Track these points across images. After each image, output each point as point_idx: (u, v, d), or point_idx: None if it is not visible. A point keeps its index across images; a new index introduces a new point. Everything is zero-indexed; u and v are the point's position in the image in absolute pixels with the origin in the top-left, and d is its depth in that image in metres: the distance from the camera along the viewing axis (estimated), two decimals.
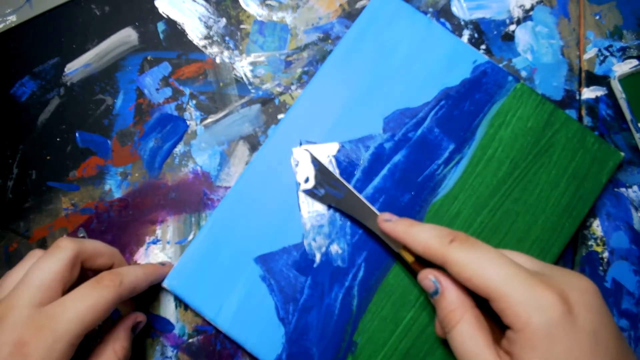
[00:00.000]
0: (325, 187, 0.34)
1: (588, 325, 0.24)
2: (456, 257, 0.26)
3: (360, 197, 0.33)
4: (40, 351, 0.25)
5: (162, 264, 0.35)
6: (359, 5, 0.39)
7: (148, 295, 0.36)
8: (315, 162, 0.34)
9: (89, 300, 0.27)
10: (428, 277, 0.29)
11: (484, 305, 0.27)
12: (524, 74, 0.38)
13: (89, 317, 0.27)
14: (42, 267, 0.28)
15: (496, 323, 0.28)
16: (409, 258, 0.31)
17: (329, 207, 0.34)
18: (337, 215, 0.35)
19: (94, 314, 0.27)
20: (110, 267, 0.32)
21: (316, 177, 0.34)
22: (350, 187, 0.34)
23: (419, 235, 0.29)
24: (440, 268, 0.28)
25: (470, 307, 0.27)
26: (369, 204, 0.33)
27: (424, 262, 0.30)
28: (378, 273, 0.34)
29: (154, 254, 0.37)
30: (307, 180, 0.34)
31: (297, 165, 0.35)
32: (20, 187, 0.38)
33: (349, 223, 0.35)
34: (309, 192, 0.34)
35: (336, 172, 0.35)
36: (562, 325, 0.24)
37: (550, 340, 0.23)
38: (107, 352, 0.30)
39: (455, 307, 0.27)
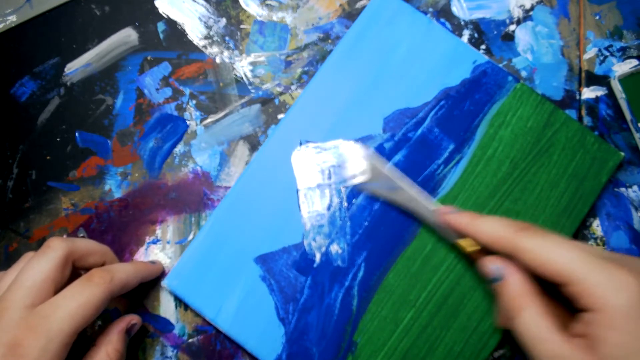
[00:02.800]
0: (378, 181, 0.34)
1: None
2: (528, 244, 0.27)
3: (418, 188, 0.33)
4: (34, 352, 0.25)
5: (153, 262, 0.36)
6: (359, 5, 0.39)
7: (148, 295, 0.36)
8: (371, 156, 0.34)
9: (80, 299, 0.27)
10: (491, 263, 0.29)
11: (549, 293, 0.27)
12: (524, 74, 0.38)
13: (80, 315, 0.27)
14: (33, 267, 0.28)
15: (561, 310, 0.28)
16: (469, 248, 0.31)
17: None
18: (337, 215, 0.35)
19: (85, 311, 0.27)
20: (102, 265, 0.32)
21: (370, 171, 0.34)
22: (407, 179, 0.34)
23: (486, 226, 0.29)
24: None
25: (536, 293, 0.27)
26: (427, 195, 0.33)
27: (483, 253, 0.31)
28: (378, 273, 0.34)
29: (154, 254, 0.37)
30: (355, 175, 0.34)
31: (345, 160, 0.35)
32: (20, 187, 0.38)
33: (349, 223, 0.35)
34: (361, 186, 0.34)
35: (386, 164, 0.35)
36: None
37: (630, 319, 0.24)
38: (100, 355, 0.30)
39: (521, 293, 0.27)
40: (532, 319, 0.26)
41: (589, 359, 0.24)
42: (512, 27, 0.38)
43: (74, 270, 0.30)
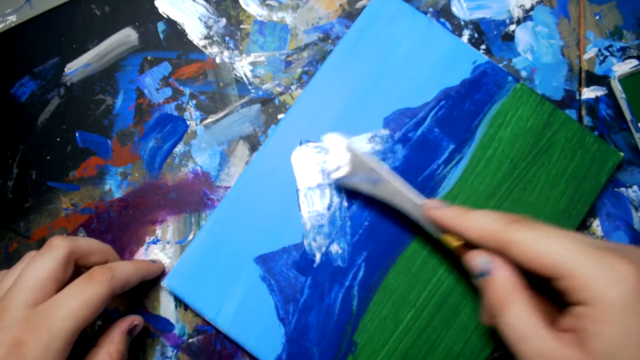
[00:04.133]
0: (360, 174, 0.32)
1: None
2: (518, 237, 0.25)
3: (402, 182, 0.32)
4: (37, 350, 0.25)
5: (153, 261, 0.36)
6: (359, 5, 0.39)
7: (148, 295, 0.36)
8: (351, 148, 0.32)
9: (82, 297, 0.27)
10: (478, 257, 0.28)
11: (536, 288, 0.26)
12: (524, 74, 0.38)
13: (82, 314, 0.27)
14: (36, 266, 0.28)
15: (548, 306, 0.27)
16: (455, 243, 0.30)
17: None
18: (337, 215, 0.35)
19: (87, 309, 0.27)
20: (104, 264, 0.32)
21: (351, 163, 0.32)
22: (390, 172, 0.32)
23: (474, 220, 0.28)
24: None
25: (523, 288, 0.26)
26: (412, 189, 0.32)
27: (468, 248, 0.30)
28: (378, 273, 0.34)
29: (154, 254, 0.37)
30: (338, 168, 0.32)
31: (326, 152, 0.33)
32: (20, 187, 0.38)
33: (349, 223, 0.35)
34: (341, 181, 0.33)
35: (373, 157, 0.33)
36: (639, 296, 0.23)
37: (627, 312, 0.22)
38: (102, 355, 0.30)
39: (507, 288, 0.26)
40: (519, 315, 0.25)
41: (578, 355, 0.23)
42: (512, 27, 0.38)
43: (76, 269, 0.30)
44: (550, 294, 0.27)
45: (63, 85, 0.39)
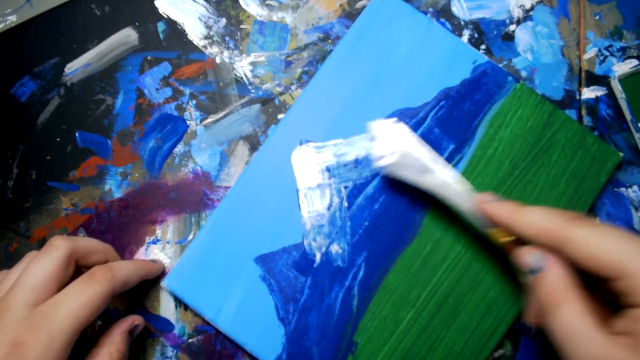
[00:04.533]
0: (408, 163, 0.31)
1: None
2: (579, 234, 0.25)
3: (454, 173, 0.31)
4: (37, 351, 0.25)
5: (153, 261, 0.36)
6: (359, 5, 0.39)
7: (148, 295, 0.36)
8: (402, 135, 0.31)
9: (82, 297, 0.27)
10: (531, 253, 0.27)
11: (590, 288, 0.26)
12: (524, 74, 0.38)
13: (83, 314, 0.27)
14: (36, 267, 0.28)
15: (602, 307, 0.26)
16: (504, 238, 0.29)
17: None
18: (337, 215, 0.35)
19: (88, 309, 0.27)
20: (104, 264, 0.32)
21: (400, 151, 0.31)
22: (443, 162, 0.31)
23: (531, 216, 0.27)
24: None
25: (578, 287, 0.25)
26: (464, 181, 0.31)
27: (518, 244, 0.29)
28: (378, 273, 0.34)
29: (154, 254, 0.37)
30: (385, 155, 0.31)
31: (373, 139, 0.32)
32: (20, 187, 0.38)
33: (349, 223, 0.35)
34: (388, 170, 0.32)
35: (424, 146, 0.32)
36: None
37: None
38: (103, 355, 0.30)
39: (561, 286, 0.25)
40: (572, 316, 0.24)
41: (633, 358, 0.22)
42: (512, 27, 0.38)
43: (76, 269, 0.30)
44: (602, 295, 0.26)
45: (63, 85, 0.39)
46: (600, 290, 0.26)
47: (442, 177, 0.31)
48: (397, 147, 0.31)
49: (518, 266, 0.28)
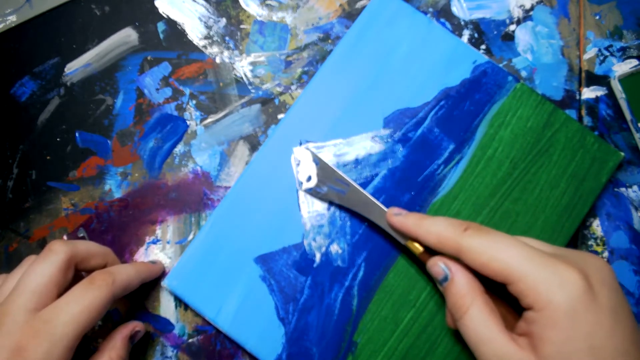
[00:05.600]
0: (328, 184, 0.34)
1: (607, 302, 0.24)
2: (471, 243, 0.26)
3: (365, 192, 0.33)
4: (38, 356, 0.25)
5: (153, 262, 0.36)
6: (359, 5, 0.39)
7: (148, 295, 0.36)
8: (317, 160, 0.34)
9: (83, 302, 0.27)
10: (437, 263, 0.29)
11: (494, 293, 0.27)
12: (524, 74, 0.38)
13: (84, 319, 0.27)
14: (36, 271, 0.28)
15: (508, 310, 0.28)
16: (417, 249, 0.31)
17: (330, 204, 0.34)
18: (337, 215, 0.35)
19: (89, 314, 0.27)
20: (103, 267, 0.32)
21: (318, 175, 0.34)
22: (354, 183, 0.33)
23: (432, 227, 0.29)
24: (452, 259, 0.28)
25: (480, 292, 0.27)
26: (374, 199, 0.33)
27: (432, 253, 0.30)
28: (378, 273, 0.34)
29: (154, 254, 0.37)
30: (309, 179, 0.34)
31: (298, 164, 0.34)
32: (20, 187, 0.38)
33: (349, 223, 0.35)
34: (311, 191, 0.34)
35: (338, 169, 0.35)
36: (584, 301, 0.24)
37: (572, 317, 0.23)
38: None
39: (465, 293, 0.27)
40: (477, 319, 0.26)
41: (531, 358, 0.24)
42: (512, 27, 0.38)
43: (76, 273, 0.30)
44: (511, 300, 0.27)
45: (63, 85, 0.39)
46: (510, 295, 0.27)
47: (358, 195, 0.33)
48: (314, 172, 0.34)
49: (433, 276, 0.30)
